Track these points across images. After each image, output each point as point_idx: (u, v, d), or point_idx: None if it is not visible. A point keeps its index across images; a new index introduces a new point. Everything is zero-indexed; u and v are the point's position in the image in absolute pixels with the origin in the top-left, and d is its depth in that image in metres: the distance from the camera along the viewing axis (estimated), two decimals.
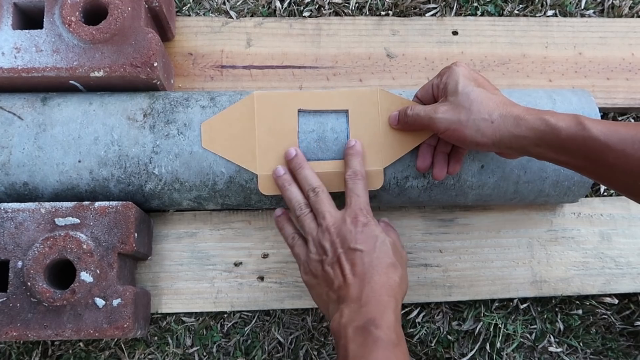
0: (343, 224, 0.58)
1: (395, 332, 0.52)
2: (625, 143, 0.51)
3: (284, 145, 0.64)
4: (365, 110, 0.65)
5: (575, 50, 0.80)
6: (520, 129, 0.55)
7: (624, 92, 0.79)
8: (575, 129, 0.52)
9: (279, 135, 0.64)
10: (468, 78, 0.59)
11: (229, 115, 0.64)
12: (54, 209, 0.62)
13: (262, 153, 0.64)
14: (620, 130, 0.51)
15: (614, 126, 0.52)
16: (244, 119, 0.64)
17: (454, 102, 0.58)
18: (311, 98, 0.65)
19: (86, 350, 0.70)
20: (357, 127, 0.65)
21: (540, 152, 0.55)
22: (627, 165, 0.51)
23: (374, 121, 0.65)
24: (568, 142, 0.53)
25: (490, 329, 0.73)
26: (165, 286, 0.71)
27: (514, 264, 0.74)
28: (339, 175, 0.64)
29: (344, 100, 0.65)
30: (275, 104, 0.65)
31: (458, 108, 0.58)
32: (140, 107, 0.66)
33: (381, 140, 0.65)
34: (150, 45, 0.65)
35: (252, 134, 0.64)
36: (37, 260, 0.60)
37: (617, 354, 0.74)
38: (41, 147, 0.64)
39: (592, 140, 0.52)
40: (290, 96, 0.65)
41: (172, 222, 0.73)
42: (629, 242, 0.75)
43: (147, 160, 0.64)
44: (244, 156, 0.64)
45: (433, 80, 0.63)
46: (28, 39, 0.65)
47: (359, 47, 0.79)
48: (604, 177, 0.55)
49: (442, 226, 0.74)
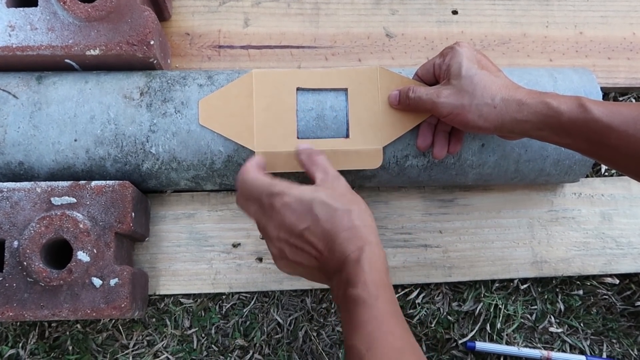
0: (272, 218, 0.52)
1: (372, 285, 0.48)
2: (628, 124, 0.50)
3: (282, 123, 0.63)
4: (365, 88, 0.64)
5: (576, 29, 0.80)
6: (523, 113, 0.55)
7: (625, 71, 0.78)
8: (577, 112, 0.52)
9: (277, 113, 0.63)
10: (471, 60, 0.58)
11: (227, 92, 0.64)
12: (50, 189, 0.62)
13: (260, 130, 0.63)
14: (623, 111, 0.51)
15: (616, 107, 0.51)
16: (242, 97, 0.63)
17: (456, 85, 0.58)
18: (310, 76, 0.65)
19: (83, 331, 0.70)
20: (356, 105, 0.64)
21: (543, 135, 0.55)
22: (629, 146, 0.51)
23: (374, 100, 0.64)
24: (570, 125, 0.53)
25: (490, 310, 0.73)
26: (163, 267, 0.70)
27: (515, 244, 0.73)
28: (337, 153, 0.63)
29: (343, 78, 0.65)
30: (274, 81, 0.64)
31: (461, 92, 0.57)
32: (136, 86, 0.65)
33: (380, 119, 0.64)
34: (146, 23, 0.64)
35: (250, 111, 0.63)
36: (33, 239, 0.60)
37: (618, 334, 0.74)
38: (37, 126, 0.63)
39: (594, 122, 0.51)
40: (289, 74, 0.64)
41: (170, 203, 0.72)
42: (630, 222, 0.75)
43: (144, 139, 0.63)
44: (241, 134, 0.63)
45: (435, 60, 0.62)
46: (22, 17, 0.64)
47: (357, 26, 0.78)
48: (607, 158, 0.55)
49: (442, 207, 0.74)
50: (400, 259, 0.72)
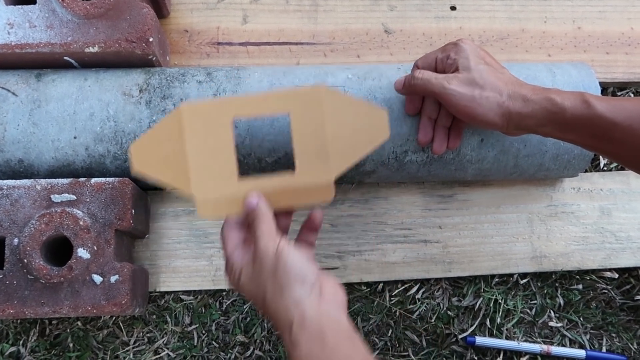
0: None
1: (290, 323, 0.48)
2: (632, 119, 0.50)
3: (219, 162, 0.55)
4: (310, 112, 0.56)
5: (574, 24, 0.80)
6: (528, 109, 0.55)
7: (623, 66, 0.79)
8: (581, 107, 0.52)
9: (213, 151, 0.55)
10: (477, 56, 0.58)
11: (157, 133, 0.56)
12: (50, 186, 0.62)
13: (197, 173, 0.55)
14: (626, 105, 0.51)
15: (619, 102, 0.52)
16: (174, 136, 0.55)
17: (467, 77, 0.57)
18: (247, 103, 0.56)
19: (84, 329, 0.70)
20: (301, 132, 0.56)
21: (547, 132, 0.55)
22: (634, 140, 0.51)
23: (320, 125, 0.56)
24: (574, 121, 0.53)
25: (490, 305, 0.73)
26: (164, 264, 0.70)
27: (514, 239, 0.73)
28: (284, 191, 0.56)
29: (284, 102, 0.56)
30: (206, 115, 0.55)
31: (472, 84, 0.57)
32: (136, 83, 0.65)
33: (329, 146, 0.56)
34: (145, 20, 0.64)
35: (183, 151, 0.55)
36: (34, 237, 0.60)
37: (617, 328, 0.74)
38: (36, 124, 0.63)
39: (598, 117, 0.51)
40: (223, 104, 0.56)
41: (170, 200, 0.72)
42: (629, 217, 0.75)
43: None
44: (178, 178, 0.55)
45: (437, 54, 0.61)
46: (21, 14, 0.64)
47: (356, 23, 0.78)
48: (611, 153, 0.55)
49: (441, 202, 0.74)
50: (400, 255, 0.72)
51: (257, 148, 0.64)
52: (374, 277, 0.72)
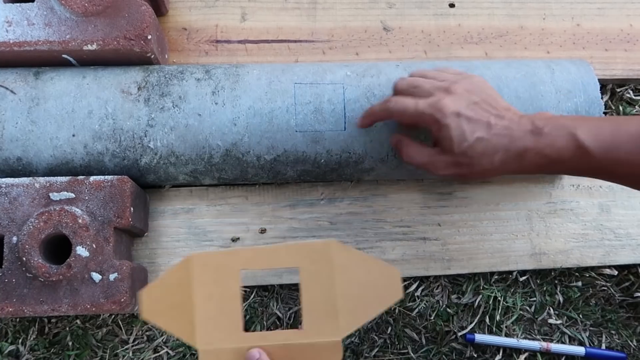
0: None
1: None
2: (632, 154, 0.49)
3: (226, 314, 0.55)
4: (318, 268, 0.55)
5: (573, 21, 0.80)
6: (522, 167, 0.55)
7: (622, 63, 0.79)
8: (578, 156, 0.51)
9: (220, 303, 0.55)
10: (461, 129, 0.55)
11: (166, 280, 0.56)
12: (49, 184, 0.62)
13: (203, 324, 0.54)
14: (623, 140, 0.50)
15: (616, 137, 0.50)
16: (182, 285, 0.55)
17: (453, 159, 0.56)
18: (257, 255, 0.55)
19: (83, 327, 0.70)
20: (309, 288, 0.55)
21: (549, 173, 0.57)
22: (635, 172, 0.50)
23: (330, 282, 0.55)
24: (573, 170, 0.53)
25: (489, 302, 0.73)
26: (163, 262, 0.70)
27: (513, 236, 0.73)
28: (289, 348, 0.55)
29: (293, 255, 0.55)
30: (215, 265, 0.55)
31: (460, 165, 0.56)
32: (134, 80, 0.65)
33: (338, 304, 0.55)
34: (143, 18, 0.64)
35: (190, 301, 0.55)
36: (32, 235, 0.60)
37: (617, 325, 0.74)
38: (34, 122, 0.63)
39: (598, 162, 0.51)
40: (232, 255, 0.55)
41: (169, 198, 0.72)
42: (628, 214, 0.75)
43: (142, 133, 0.63)
44: (183, 328, 0.55)
45: (415, 111, 0.58)
46: (19, 12, 0.64)
47: (355, 20, 0.78)
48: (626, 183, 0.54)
49: (440, 200, 0.74)
50: (399, 252, 0.72)
51: (255, 145, 0.64)
52: None
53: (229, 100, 0.64)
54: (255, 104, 0.64)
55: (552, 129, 0.53)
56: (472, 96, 0.56)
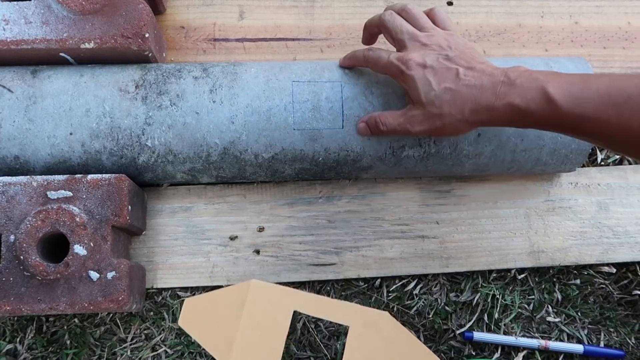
0: None
1: None
2: (599, 111, 0.50)
3: (268, 347, 0.56)
4: (368, 333, 0.58)
5: (571, 19, 0.80)
6: (494, 117, 0.55)
7: (620, 61, 0.79)
8: (546, 108, 0.52)
9: (265, 334, 0.56)
10: (426, 80, 0.57)
11: (217, 297, 0.58)
12: (46, 182, 0.62)
13: (241, 349, 0.56)
14: (592, 97, 0.50)
15: (584, 92, 0.51)
16: (232, 306, 0.57)
17: (423, 111, 0.58)
18: (313, 301, 0.58)
19: (81, 326, 0.70)
20: (355, 349, 0.57)
21: (520, 126, 0.56)
22: (604, 130, 0.50)
23: (373, 349, 0.57)
24: (543, 122, 0.53)
25: (488, 300, 0.73)
26: (161, 261, 0.70)
27: (512, 234, 0.73)
28: None
29: (347, 313, 0.58)
30: (271, 299, 0.57)
31: (431, 117, 0.57)
32: (132, 79, 0.65)
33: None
34: (141, 16, 0.64)
35: (235, 324, 0.56)
36: (30, 233, 0.60)
37: (615, 323, 0.74)
38: (32, 120, 0.63)
39: (565, 116, 0.51)
40: (290, 294, 0.58)
41: (166, 197, 0.72)
42: (626, 212, 0.75)
43: (139, 132, 0.63)
44: (219, 347, 0.56)
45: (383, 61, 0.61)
46: (17, 10, 0.64)
47: (353, 18, 0.78)
48: (592, 141, 0.55)
49: (439, 198, 0.74)
50: (397, 250, 0.72)
51: (253, 144, 0.64)
52: (372, 273, 0.72)
53: (226, 99, 0.64)
54: (253, 102, 0.64)
55: (524, 81, 0.53)
56: (444, 51, 0.58)
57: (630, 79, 0.50)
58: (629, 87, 0.49)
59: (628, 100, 0.48)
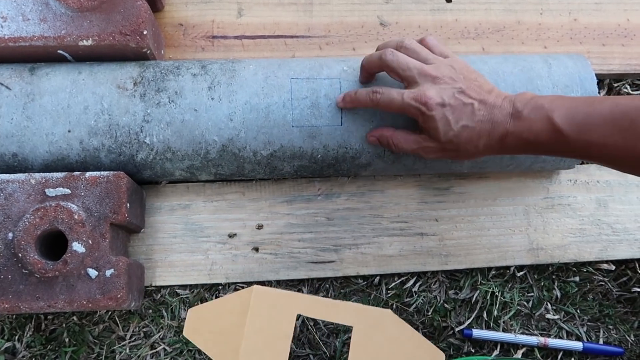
0: None
1: None
2: (606, 137, 0.51)
3: (273, 351, 0.56)
4: (371, 331, 0.58)
5: (570, 16, 0.80)
6: (505, 149, 0.57)
7: (619, 58, 0.78)
8: (555, 140, 0.54)
9: (269, 339, 0.57)
10: (445, 119, 0.57)
11: (220, 305, 0.58)
12: (44, 180, 0.62)
13: (247, 356, 0.56)
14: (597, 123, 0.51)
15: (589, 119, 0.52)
16: (235, 313, 0.58)
17: (440, 146, 0.59)
18: (315, 304, 0.58)
19: (80, 324, 0.70)
20: (359, 349, 0.57)
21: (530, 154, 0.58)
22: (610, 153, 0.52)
23: (378, 347, 0.58)
24: (551, 150, 0.55)
25: (487, 297, 0.73)
26: (159, 259, 0.70)
27: (511, 231, 0.73)
28: None
29: (350, 314, 0.58)
30: (274, 303, 0.58)
31: (445, 150, 0.59)
32: (130, 76, 0.65)
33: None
34: (139, 13, 0.64)
35: (240, 331, 0.57)
36: (28, 231, 0.60)
37: (615, 320, 0.74)
38: (30, 117, 0.63)
39: (573, 143, 0.53)
40: (293, 298, 0.58)
41: (165, 194, 0.72)
42: (625, 209, 0.75)
43: (138, 129, 0.63)
44: (225, 354, 0.56)
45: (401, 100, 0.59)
46: (14, 7, 0.64)
47: (351, 15, 0.78)
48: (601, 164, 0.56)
49: (438, 195, 0.74)
50: (396, 248, 0.72)
51: (252, 141, 0.64)
52: (371, 270, 0.71)
53: (225, 96, 0.64)
54: (252, 99, 0.64)
55: (530, 112, 0.55)
56: (456, 83, 0.58)
57: (632, 101, 0.51)
58: (632, 112, 0.50)
59: (632, 125, 0.50)
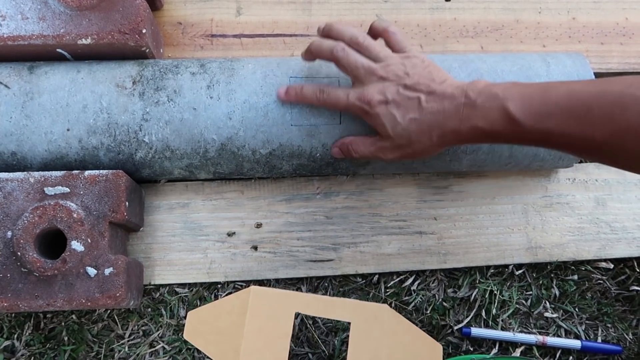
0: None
1: None
2: (563, 124, 0.50)
3: (273, 349, 0.57)
4: (369, 327, 0.58)
5: (568, 15, 0.80)
6: (461, 139, 0.56)
7: (618, 56, 0.79)
8: (510, 129, 0.52)
9: (269, 338, 0.57)
10: (391, 116, 0.57)
11: (219, 306, 0.59)
12: (43, 178, 0.62)
13: (247, 355, 0.57)
14: (552, 112, 0.50)
15: (544, 107, 0.51)
16: (234, 314, 0.58)
17: (393, 143, 0.59)
18: (313, 301, 0.59)
19: (79, 322, 0.70)
20: (357, 344, 0.58)
21: (488, 143, 0.59)
22: (572, 143, 0.51)
23: (377, 342, 0.58)
24: (510, 139, 0.54)
25: (485, 296, 0.73)
26: (158, 257, 0.70)
27: (509, 230, 0.73)
28: None
29: (347, 310, 0.59)
30: (272, 302, 0.58)
31: (401, 147, 0.59)
32: (129, 75, 0.65)
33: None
34: (138, 12, 0.64)
35: (239, 331, 0.57)
36: (27, 229, 0.60)
37: (613, 318, 0.74)
38: (29, 116, 0.63)
39: (530, 133, 0.52)
40: (291, 297, 0.59)
41: (164, 193, 0.72)
42: (624, 207, 0.75)
43: (137, 127, 0.63)
44: (225, 355, 0.57)
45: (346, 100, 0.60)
46: (13, 6, 0.64)
47: (350, 14, 0.78)
48: (563, 152, 0.56)
49: (436, 193, 0.74)
50: (395, 246, 0.72)
51: (251, 140, 0.64)
52: (369, 269, 0.72)
53: (224, 94, 0.64)
54: (251, 98, 0.64)
55: (484, 100, 0.53)
56: (402, 80, 0.57)
57: (587, 87, 0.50)
58: (587, 99, 0.49)
59: (588, 113, 0.48)
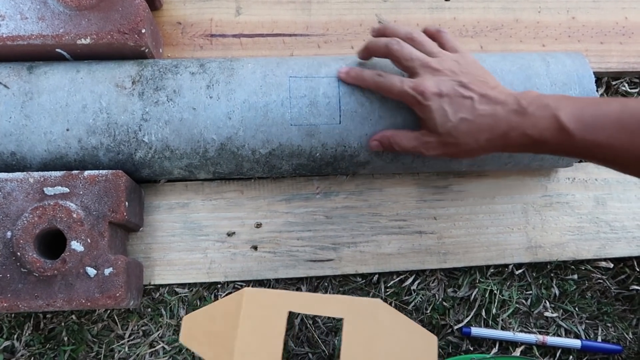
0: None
1: None
2: (613, 138, 0.50)
3: (266, 349, 0.57)
4: (362, 322, 0.58)
5: (568, 14, 0.80)
6: (508, 146, 0.56)
7: (617, 56, 0.79)
8: (560, 137, 0.53)
9: (263, 338, 0.57)
10: (443, 111, 0.57)
11: (213, 309, 0.59)
12: (43, 179, 0.61)
13: (241, 356, 0.57)
14: (605, 125, 0.51)
15: (597, 120, 0.51)
16: (228, 316, 0.58)
17: (439, 140, 0.58)
18: (306, 300, 0.59)
19: (79, 322, 0.70)
20: (351, 340, 0.57)
21: (534, 153, 0.57)
22: (616, 155, 0.51)
23: (371, 336, 0.57)
24: (556, 149, 0.54)
25: (485, 295, 0.73)
26: (158, 257, 0.70)
27: (509, 229, 0.73)
28: None
29: (340, 306, 0.58)
30: (265, 302, 0.58)
31: (446, 144, 0.58)
32: (128, 74, 0.65)
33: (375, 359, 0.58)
34: (137, 12, 0.64)
35: (234, 333, 0.57)
36: (27, 230, 0.60)
37: (613, 318, 0.74)
38: (28, 116, 0.63)
39: (579, 143, 0.52)
40: (283, 296, 0.59)
41: (164, 193, 0.72)
42: (623, 207, 0.75)
43: (136, 127, 0.63)
44: (220, 357, 0.57)
45: (396, 86, 0.60)
46: (12, 6, 0.64)
47: (350, 14, 0.78)
48: (606, 165, 0.55)
49: (436, 193, 0.74)
50: (395, 246, 0.72)
51: (250, 139, 0.64)
52: (369, 269, 0.71)
53: (223, 94, 0.64)
54: (250, 98, 0.64)
55: (536, 109, 0.54)
56: (458, 76, 0.58)
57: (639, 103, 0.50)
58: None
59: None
